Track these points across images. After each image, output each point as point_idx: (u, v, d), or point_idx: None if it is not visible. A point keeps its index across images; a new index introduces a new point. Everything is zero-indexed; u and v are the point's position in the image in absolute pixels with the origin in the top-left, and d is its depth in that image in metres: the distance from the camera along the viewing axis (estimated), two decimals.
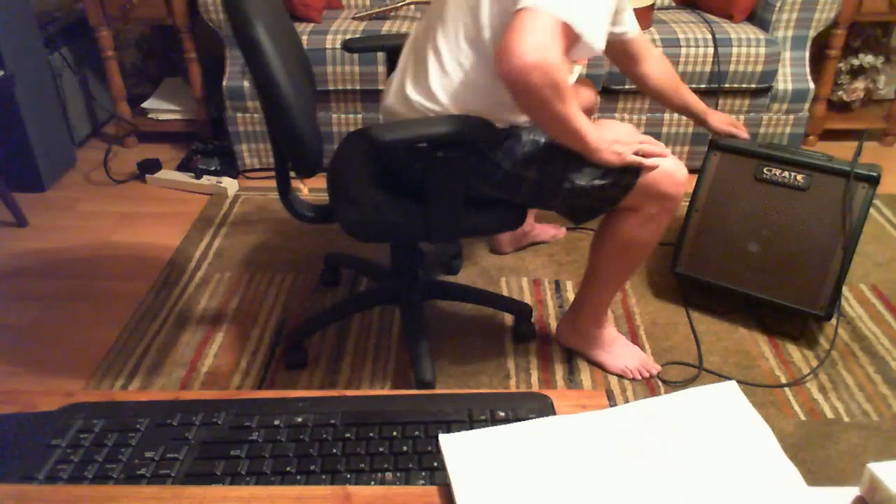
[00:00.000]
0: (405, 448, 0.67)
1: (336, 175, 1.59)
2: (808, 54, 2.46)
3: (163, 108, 2.81)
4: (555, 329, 1.83)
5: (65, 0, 2.90)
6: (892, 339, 1.82)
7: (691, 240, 1.85)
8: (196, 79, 2.67)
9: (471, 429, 0.65)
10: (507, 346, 1.79)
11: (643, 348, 1.78)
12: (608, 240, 1.52)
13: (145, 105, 2.83)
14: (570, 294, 1.97)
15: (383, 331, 1.85)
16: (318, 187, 2.49)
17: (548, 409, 0.70)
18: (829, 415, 1.59)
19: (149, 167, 2.57)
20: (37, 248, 2.21)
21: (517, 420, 0.67)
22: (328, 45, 2.34)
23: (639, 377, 1.68)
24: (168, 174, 2.56)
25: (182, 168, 2.60)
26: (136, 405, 0.72)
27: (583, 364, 1.73)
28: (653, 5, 2.41)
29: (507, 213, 1.51)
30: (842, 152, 1.85)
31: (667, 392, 1.63)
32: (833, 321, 1.84)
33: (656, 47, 2.31)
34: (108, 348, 1.78)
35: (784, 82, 2.45)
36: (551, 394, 0.72)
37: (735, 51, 2.34)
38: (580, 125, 1.28)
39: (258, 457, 0.66)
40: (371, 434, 0.68)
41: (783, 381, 1.69)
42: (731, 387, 0.60)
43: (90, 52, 2.78)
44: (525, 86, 1.15)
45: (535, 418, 0.60)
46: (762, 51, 2.34)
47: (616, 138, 1.37)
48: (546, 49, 1.13)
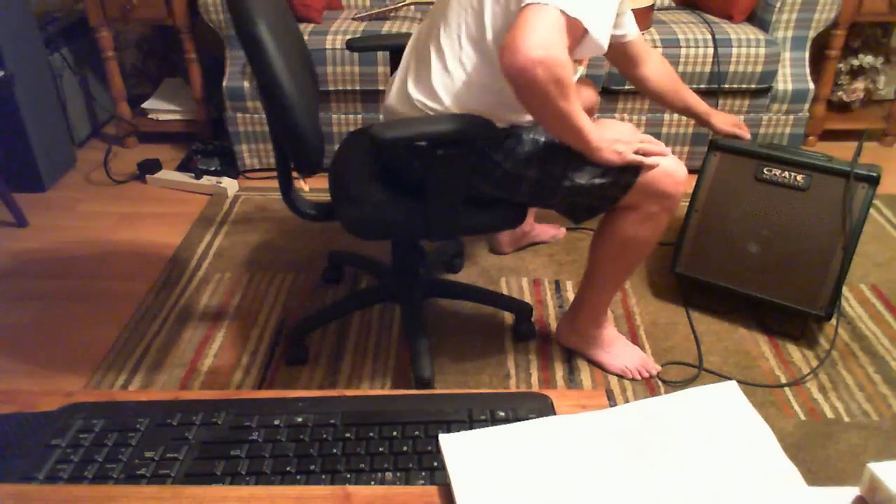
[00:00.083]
0: (405, 448, 0.67)
1: (337, 173, 1.60)
2: (807, 55, 2.46)
3: (163, 109, 2.81)
4: (555, 329, 1.84)
5: (65, 0, 2.90)
6: (892, 339, 1.82)
7: (691, 240, 1.85)
8: (196, 79, 2.67)
9: (471, 429, 0.65)
10: (507, 345, 1.79)
11: (643, 348, 1.78)
12: (607, 239, 1.52)
13: (145, 105, 2.83)
14: (570, 294, 1.97)
15: (383, 329, 1.85)
16: (319, 187, 2.49)
17: (548, 409, 0.70)
18: (829, 415, 1.59)
19: (149, 167, 2.57)
20: (37, 248, 2.21)
21: (517, 420, 0.67)
22: (328, 45, 2.34)
23: (639, 377, 1.68)
24: (168, 174, 2.56)
25: (182, 168, 2.60)
26: (136, 405, 0.72)
27: (583, 364, 1.73)
28: (653, 6, 2.41)
29: (507, 212, 1.51)
30: (842, 152, 1.85)
31: (667, 392, 1.63)
32: (833, 321, 1.84)
33: (656, 48, 2.32)
34: (108, 348, 1.78)
35: (784, 83, 2.45)
36: (551, 394, 0.72)
37: (735, 51, 2.34)
38: (582, 123, 1.28)
39: (258, 457, 0.66)
40: (371, 434, 0.68)
41: (783, 381, 1.69)
42: (731, 387, 0.60)
43: (90, 52, 2.78)
44: (529, 81, 1.15)
45: (535, 418, 0.60)
46: (762, 51, 2.34)
47: (617, 137, 1.37)
48: (552, 45, 1.13)
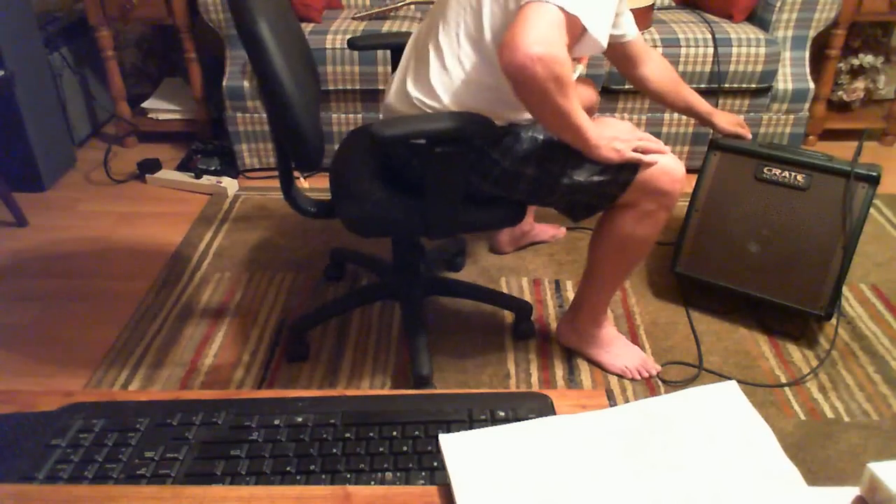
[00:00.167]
0: (405, 448, 0.66)
1: (338, 172, 1.60)
2: (808, 54, 2.46)
3: (163, 108, 2.81)
4: (555, 329, 1.83)
5: (65, 0, 2.90)
6: (892, 339, 1.82)
7: (691, 240, 1.85)
8: (196, 79, 2.67)
9: (471, 429, 0.65)
10: (507, 344, 1.79)
11: (643, 348, 1.78)
12: (606, 237, 1.52)
13: (145, 105, 2.83)
14: (569, 294, 1.97)
15: (384, 328, 1.85)
16: (319, 187, 2.49)
17: (548, 409, 0.70)
18: (829, 415, 1.59)
19: (149, 167, 2.57)
20: (37, 248, 2.21)
21: (517, 420, 0.67)
22: (328, 44, 2.34)
23: (638, 377, 1.68)
24: (168, 174, 2.56)
25: (182, 168, 2.60)
26: (136, 405, 0.72)
27: (583, 364, 1.73)
28: (652, 5, 2.41)
29: (506, 210, 1.51)
30: (842, 152, 1.85)
31: (667, 392, 1.63)
32: (833, 321, 1.84)
33: (656, 48, 2.32)
34: (108, 348, 1.78)
35: (784, 82, 2.45)
36: (551, 394, 0.72)
37: (735, 51, 2.34)
38: (580, 121, 1.28)
39: (258, 457, 0.66)
40: (371, 434, 0.68)
41: (783, 381, 1.69)
42: (731, 387, 0.60)
43: (90, 52, 2.78)
44: (528, 78, 1.15)
45: (535, 418, 0.60)
46: (762, 51, 2.34)
47: (615, 135, 1.37)
48: (551, 42, 1.13)
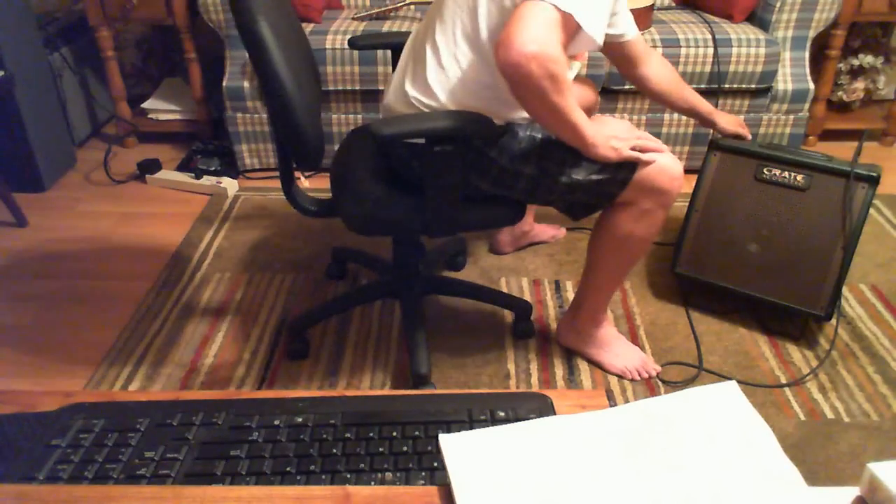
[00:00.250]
0: (405, 448, 0.66)
1: (338, 171, 1.60)
2: (808, 54, 2.46)
3: (163, 109, 2.81)
4: (555, 329, 1.83)
5: (65, 0, 2.90)
6: (892, 339, 1.82)
7: (691, 240, 1.85)
8: (196, 79, 2.67)
9: (471, 429, 0.65)
10: (507, 344, 1.79)
11: (643, 348, 1.78)
12: (604, 236, 1.52)
13: (145, 105, 2.83)
14: (569, 294, 1.97)
15: (384, 327, 1.85)
16: (319, 187, 2.49)
17: (548, 409, 0.70)
18: (829, 415, 1.59)
19: (149, 167, 2.57)
20: (37, 249, 2.21)
21: (517, 420, 0.67)
22: (328, 45, 2.34)
23: (638, 377, 1.68)
24: (168, 174, 2.56)
25: (182, 168, 2.60)
26: (136, 405, 0.72)
27: (583, 364, 1.73)
28: (652, 5, 2.41)
29: (505, 209, 1.51)
30: (842, 152, 1.85)
31: (667, 392, 1.63)
32: (833, 321, 1.84)
33: (656, 48, 2.32)
34: (108, 348, 1.78)
35: (784, 82, 2.45)
36: (551, 394, 0.72)
37: (735, 51, 2.34)
38: (577, 119, 1.28)
39: (258, 457, 0.66)
40: (371, 434, 0.68)
41: (783, 381, 1.69)
42: (731, 387, 0.60)
43: (90, 52, 2.78)
44: (523, 76, 1.15)
45: (535, 418, 0.60)
46: (762, 51, 2.34)
47: (613, 134, 1.38)
48: (546, 41, 1.13)
